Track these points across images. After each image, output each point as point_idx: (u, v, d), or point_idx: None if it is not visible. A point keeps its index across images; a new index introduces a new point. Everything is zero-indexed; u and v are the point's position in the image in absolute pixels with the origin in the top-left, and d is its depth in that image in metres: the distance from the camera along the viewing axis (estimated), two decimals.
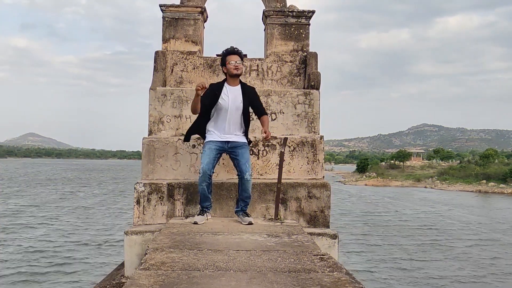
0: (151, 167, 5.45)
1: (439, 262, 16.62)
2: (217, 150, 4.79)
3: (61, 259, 15.81)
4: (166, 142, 5.48)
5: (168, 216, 5.10)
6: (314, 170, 5.50)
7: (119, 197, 38.43)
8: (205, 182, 4.69)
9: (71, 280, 13.48)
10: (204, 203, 4.82)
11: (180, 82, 6.09)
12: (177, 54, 6.12)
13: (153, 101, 5.70)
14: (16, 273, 13.86)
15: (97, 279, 12.96)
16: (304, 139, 5.55)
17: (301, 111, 5.76)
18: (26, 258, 15.86)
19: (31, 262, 15.24)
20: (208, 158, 4.71)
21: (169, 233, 4.19)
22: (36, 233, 20.63)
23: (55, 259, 15.77)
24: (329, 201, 5.18)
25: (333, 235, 4.84)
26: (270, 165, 5.48)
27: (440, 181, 67.63)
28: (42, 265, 14.96)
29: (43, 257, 16.03)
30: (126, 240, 4.76)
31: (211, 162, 4.73)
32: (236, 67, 4.79)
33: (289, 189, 5.16)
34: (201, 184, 4.71)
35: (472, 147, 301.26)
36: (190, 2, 6.22)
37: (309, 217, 5.15)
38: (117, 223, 23.91)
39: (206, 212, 4.82)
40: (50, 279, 13.50)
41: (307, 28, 6.32)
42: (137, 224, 5.07)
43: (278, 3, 6.26)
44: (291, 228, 4.54)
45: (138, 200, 5.11)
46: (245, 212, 4.84)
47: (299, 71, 6.17)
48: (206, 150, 4.78)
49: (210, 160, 4.71)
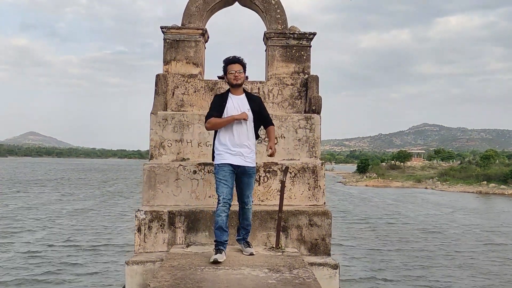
0: (152, 193, 5.45)
1: (442, 268, 16.61)
2: (232, 176, 4.55)
3: (59, 264, 15.79)
4: (167, 168, 5.48)
5: (169, 244, 5.10)
6: (315, 197, 5.50)
7: (120, 199, 38.41)
8: (225, 212, 4.44)
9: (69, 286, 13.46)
10: (222, 237, 4.48)
11: (181, 105, 6.09)
12: (178, 77, 6.12)
13: (154, 125, 5.70)
14: (14, 279, 13.83)
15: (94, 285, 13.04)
16: (305, 165, 5.55)
17: (302, 136, 5.75)
18: (23, 262, 15.83)
19: (27, 267, 15.21)
20: (227, 187, 4.47)
21: (170, 268, 4.18)
22: (34, 236, 20.64)
23: (52, 264, 15.75)
24: (330, 229, 5.18)
25: (334, 265, 4.83)
26: (271, 191, 5.47)
27: (441, 182, 67.62)
28: (38, 270, 14.92)
29: (40, 262, 16.02)
30: (127, 270, 4.76)
31: (230, 191, 4.49)
32: (236, 77, 4.65)
33: (290, 217, 5.16)
34: (219, 215, 4.43)
35: (473, 146, 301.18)
36: (191, 24, 6.22)
37: (310, 245, 5.15)
38: (116, 225, 23.92)
39: (224, 250, 4.47)
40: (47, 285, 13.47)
41: (309, 50, 6.32)
42: (138, 252, 5.07)
43: (280, 25, 6.25)
44: (293, 260, 4.53)
45: (139, 228, 5.10)
46: (247, 241, 4.76)
47: (300, 94, 6.17)
48: (221, 177, 4.50)
49: (229, 188, 4.48)
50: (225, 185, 4.49)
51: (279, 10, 6.25)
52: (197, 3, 6.25)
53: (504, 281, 15.00)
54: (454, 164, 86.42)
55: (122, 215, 28.21)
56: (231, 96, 4.69)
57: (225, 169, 4.53)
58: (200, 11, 6.24)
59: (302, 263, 4.46)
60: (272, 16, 6.24)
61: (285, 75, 6.21)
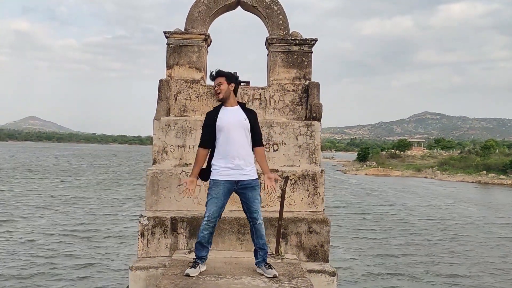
0: (154, 199, 5.57)
1: (440, 258, 16.85)
2: (226, 194, 4.39)
3: (60, 252, 16.02)
4: (170, 174, 5.59)
5: (171, 249, 5.23)
6: (314, 203, 5.62)
7: (120, 186, 38.64)
8: (208, 230, 4.35)
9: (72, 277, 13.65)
10: (201, 253, 4.42)
11: (183, 111, 6.18)
12: (181, 83, 6.20)
13: (157, 131, 5.80)
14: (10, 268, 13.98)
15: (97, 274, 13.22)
16: (305, 172, 5.66)
17: (303, 142, 5.86)
18: (22, 252, 16.00)
19: (26, 257, 15.40)
20: (216, 206, 4.33)
21: (172, 276, 4.31)
22: (34, 223, 20.86)
23: (53, 253, 15.96)
24: (329, 236, 5.30)
25: (332, 273, 4.97)
26: (272, 197, 5.59)
27: (440, 171, 67.85)
28: (37, 261, 15.09)
29: (40, 251, 16.22)
30: (131, 276, 4.90)
31: (219, 210, 4.36)
32: (216, 91, 4.49)
33: (290, 224, 5.28)
34: (202, 231, 4.35)
35: (473, 135, 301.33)
36: (194, 29, 6.28)
37: (309, 251, 5.28)
38: (118, 213, 24.17)
39: (200, 264, 4.41)
40: (48, 277, 13.65)
41: (310, 55, 6.39)
42: (141, 257, 5.21)
43: (282, 31, 6.32)
44: (292, 268, 4.66)
45: (142, 233, 5.23)
46: (267, 263, 4.45)
47: (301, 100, 6.25)
48: (213, 194, 4.36)
49: (218, 207, 4.35)
50: (216, 203, 4.35)
51: (281, 16, 6.31)
52: (200, 8, 6.31)
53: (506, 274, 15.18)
54: (454, 154, 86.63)
55: (121, 203, 28.45)
56: (223, 108, 4.47)
57: (220, 187, 4.37)
58: (203, 16, 6.30)
59: (301, 272, 4.59)
60: (274, 22, 6.30)
61: (287, 81, 6.29)
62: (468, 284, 14.10)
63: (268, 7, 6.31)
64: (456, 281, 14.36)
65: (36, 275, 13.69)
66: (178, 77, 6.23)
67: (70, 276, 13.73)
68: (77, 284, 13.20)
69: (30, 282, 13.08)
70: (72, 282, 13.27)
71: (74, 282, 13.33)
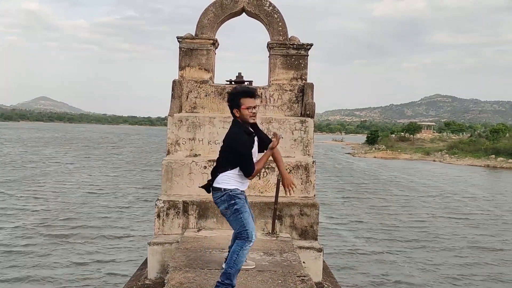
0: (169, 184, 6.47)
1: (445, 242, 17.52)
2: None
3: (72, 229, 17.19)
4: (182, 163, 6.47)
5: (183, 228, 6.14)
6: (307, 190, 6.49)
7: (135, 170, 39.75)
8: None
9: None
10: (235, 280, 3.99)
11: (194, 108, 7.04)
12: (191, 83, 7.05)
13: (171, 125, 6.68)
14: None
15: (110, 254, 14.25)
16: (299, 162, 6.52)
17: (298, 137, 6.71)
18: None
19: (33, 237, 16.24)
20: (251, 219, 4.12)
21: (185, 250, 5.23)
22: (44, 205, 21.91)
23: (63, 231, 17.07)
24: (318, 218, 6.18)
25: (318, 249, 5.86)
26: (269, 184, 6.46)
27: (449, 155, 68.17)
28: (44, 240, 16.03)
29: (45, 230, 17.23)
30: (149, 250, 5.83)
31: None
32: (254, 114, 4.02)
33: (285, 207, 6.16)
34: (245, 256, 4.04)
35: (485, 118, 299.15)
36: (203, 34, 7.10)
37: (301, 231, 6.16)
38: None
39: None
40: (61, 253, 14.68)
41: (306, 58, 7.20)
42: (157, 235, 6.13)
43: (281, 37, 7.12)
44: (284, 245, 5.56)
45: (158, 214, 6.14)
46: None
47: (297, 99, 7.09)
48: (243, 209, 4.03)
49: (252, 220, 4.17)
50: (249, 215, 4.06)
51: (280, 23, 7.10)
52: (209, 16, 7.12)
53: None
54: (464, 137, 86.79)
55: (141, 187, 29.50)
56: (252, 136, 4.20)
57: (241, 197, 4.09)
58: (211, 23, 7.12)
59: (292, 248, 5.48)
60: (275, 29, 7.10)
61: (285, 81, 7.11)
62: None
63: (269, 15, 7.11)
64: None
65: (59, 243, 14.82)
66: (189, 78, 7.08)
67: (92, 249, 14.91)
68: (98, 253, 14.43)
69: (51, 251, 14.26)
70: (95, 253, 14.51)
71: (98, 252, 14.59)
